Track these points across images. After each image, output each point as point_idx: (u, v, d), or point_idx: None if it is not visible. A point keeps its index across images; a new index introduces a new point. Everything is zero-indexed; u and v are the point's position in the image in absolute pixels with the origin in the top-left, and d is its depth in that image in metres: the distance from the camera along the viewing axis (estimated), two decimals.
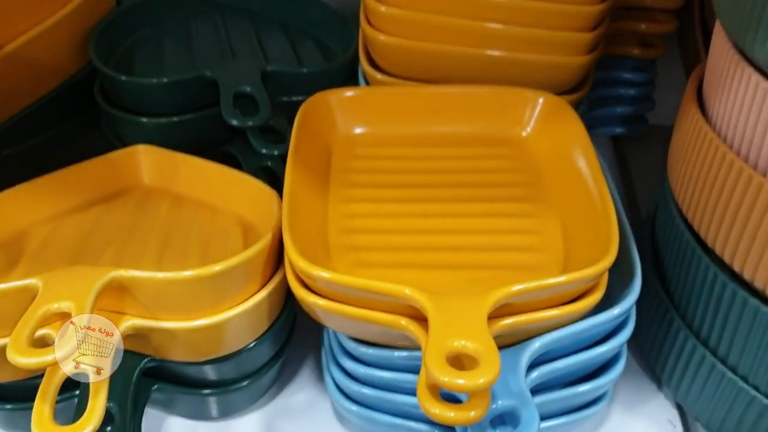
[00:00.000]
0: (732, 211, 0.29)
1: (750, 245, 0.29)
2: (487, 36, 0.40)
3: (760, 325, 0.30)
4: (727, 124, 0.30)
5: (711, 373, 0.33)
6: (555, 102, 0.38)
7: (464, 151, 0.37)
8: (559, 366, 0.31)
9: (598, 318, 0.30)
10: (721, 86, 0.31)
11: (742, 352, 0.32)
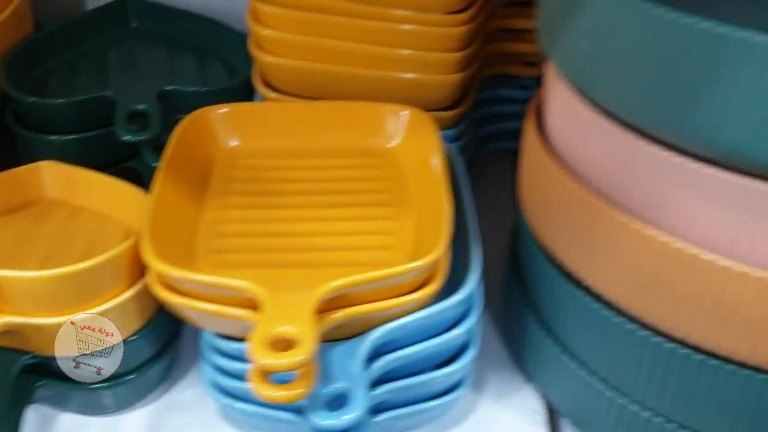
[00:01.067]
0: (566, 221, 0.32)
1: (584, 252, 0.32)
2: (361, 56, 0.43)
3: (594, 321, 0.33)
4: (556, 138, 0.33)
5: (564, 367, 0.36)
6: (418, 116, 0.41)
7: (335, 162, 0.40)
8: (404, 354, 0.33)
9: (434, 308, 0.33)
10: (547, 102, 0.34)
11: (586, 346, 0.34)
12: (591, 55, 0.28)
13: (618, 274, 0.31)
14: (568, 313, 0.35)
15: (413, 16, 0.42)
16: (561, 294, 0.34)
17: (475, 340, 0.36)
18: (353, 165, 0.40)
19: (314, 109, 0.41)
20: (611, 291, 0.31)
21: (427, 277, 0.33)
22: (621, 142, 0.29)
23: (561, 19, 0.30)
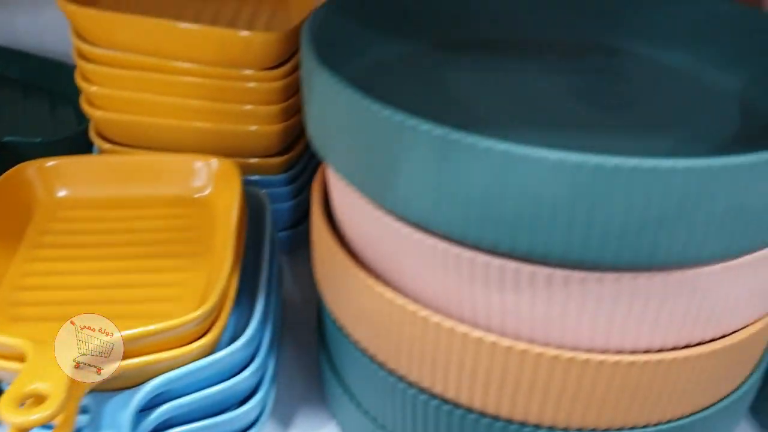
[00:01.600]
0: (334, 281, 0.35)
1: (347, 309, 0.34)
2: (188, 110, 0.45)
3: (367, 374, 0.35)
4: (334, 206, 0.36)
5: (353, 413, 0.38)
6: (225, 165, 0.43)
7: (146, 213, 0.42)
8: (182, 402, 0.35)
9: (208, 358, 0.35)
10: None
11: (366, 396, 0.37)
12: (324, 132, 0.31)
13: (370, 330, 0.33)
14: (347, 363, 0.37)
15: (233, 72, 0.45)
16: (340, 346, 0.37)
17: (264, 384, 0.38)
18: (163, 215, 0.42)
19: (130, 161, 0.44)
20: (368, 343, 0.34)
21: (209, 326, 0.35)
22: (367, 211, 0.31)
23: (304, 99, 0.32)
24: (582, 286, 0.27)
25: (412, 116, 0.26)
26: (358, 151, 0.29)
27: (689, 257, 0.26)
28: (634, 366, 0.29)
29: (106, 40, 0.44)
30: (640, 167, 0.24)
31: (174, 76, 0.44)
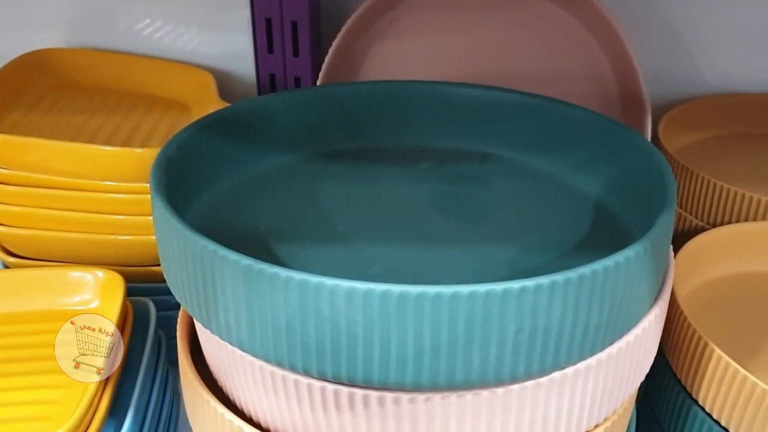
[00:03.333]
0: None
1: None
2: (81, 222, 0.46)
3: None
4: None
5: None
6: (109, 277, 0.44)
7: (30, 328, 0.43)
8: None
9: None
10: None
11: None
12: (164, 261, 0.32)
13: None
14: None
15: (125, 186, 0.46)
16: None
17: None
18: (44, 331, 0.43)
19: (14, 276, 0.44)
20: None
21: None
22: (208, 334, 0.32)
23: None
24: (396, 406, 0.28)
25: (223, 247, 0.27)
26: (188, 279, 0.29)
27: (488, 378, 0.26)
28: None
29: (7, 160, 0.46)
30: (426, 294, 0.25)
31: (67, 191, 0.46)
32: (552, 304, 0.25)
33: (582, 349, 0.27)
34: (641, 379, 0.33)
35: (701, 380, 0.36)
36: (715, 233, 0.44)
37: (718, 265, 0.44)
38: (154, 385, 0.42)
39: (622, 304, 0.28)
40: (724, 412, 0.35)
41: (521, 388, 0.28)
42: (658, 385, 0.40)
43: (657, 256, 0.29)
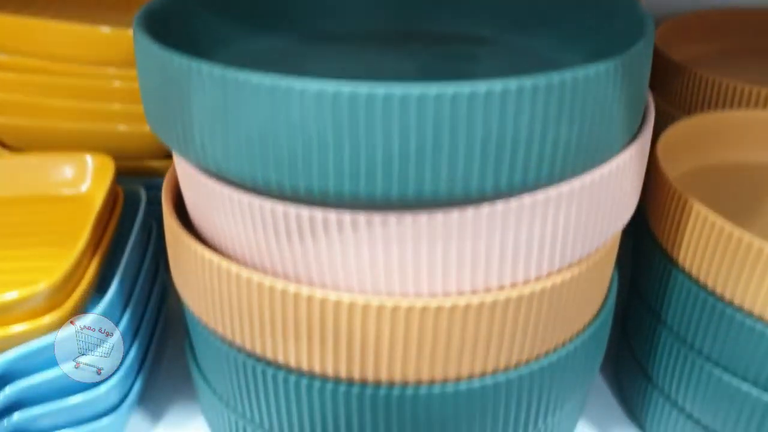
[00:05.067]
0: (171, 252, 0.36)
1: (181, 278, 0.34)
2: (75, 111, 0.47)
3: (211, 350, 0.36)
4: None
5: (206, 393, 0.38)
6: (100, 161, 0.44)
7: (25, 209, 0.44)
8: (27, 384, 0.36)
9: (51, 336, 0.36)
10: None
11: (215, 377, 0.37)
12: (144, 94, 0.32)
13: (201, 298, 0.34)
14: (198, 345, 0.37)
15: (118, 72, 0.46)
16: (192, 328, 0.37)
17: (122, 369, 0.38)
18: (34, 212, 0.43)
19: (3, 163, 0.45)
20: (204, 314, 0.34)
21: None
22: (188, 175, 0.32)
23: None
24: (369, 229, 0.28)
25: (196, 58, 0.27)
26: (162, 102, 0.30)
27: (457, 192, 0.26)
28: (455, 310, 0.29)
29: (2, 45, 0.46)
30: (393, 95, 0.25)
31: (60, 77, 0.46)
32: (520, 111, 0.26)
33: (552, 169, 0.27)
34: (617, 227, 0.33)
35: (683, 240, 0.36)
36: (696, 120, 0.44)
37: (699, 153, 0.44)
38: (142, 267, 0.43)
39: (593, 126, 0.28)
40: (703, 268, 0.35)
41: (491, 210, 0.28)
42: (645, 262, 0.40)
43: (630, 83, 0.29)
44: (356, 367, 0.31)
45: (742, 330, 0.34)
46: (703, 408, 0.37)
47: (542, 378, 0.33)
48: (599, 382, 0.46)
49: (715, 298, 0.34)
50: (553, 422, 0.37)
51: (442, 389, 0.31)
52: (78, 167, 0.45)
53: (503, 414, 0.33)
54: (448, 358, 0.31)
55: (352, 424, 0.32)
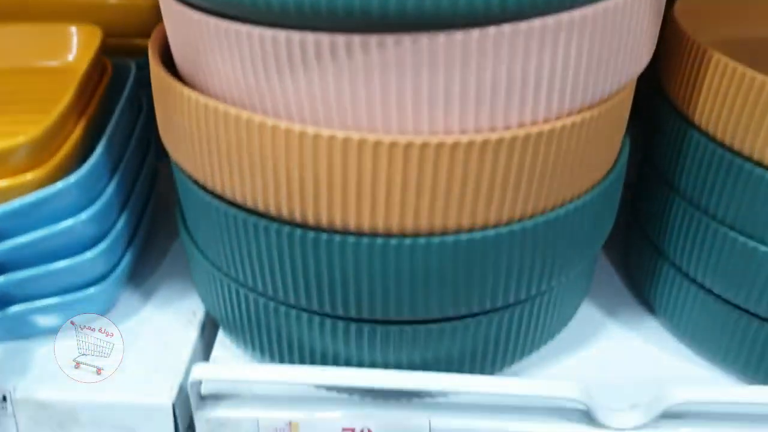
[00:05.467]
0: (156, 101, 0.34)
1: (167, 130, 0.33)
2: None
3: (196, 204, 0.34)
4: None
5: (195, 257, 0.37)
6: (87, 31, 0.42)
7: (11, 79, 0.42)
8: (13, 244, 0.34)
9: (35, 194, 0.34)
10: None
11: (201, 234, 0.35)
12: None
13: (188, 146, 0.32)
14: (185, 203, 0.36)
15: None
16: (180, 185, 0.36)
17: (111, 235, 0.37)
18: (21, 82, 0.42)
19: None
20: (188, 163, 0.33)
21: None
22: (175, 11, 0.30)
23: None
24: (365, 54, 0.26)
25: None
26: None
27: (461, 6, 0.24)
28: (465, 148, 0.27)
29: None
30: None
31: None
32: None
33: None
34: (631, 72, 0.31)
35: (699, 95, 0.34)
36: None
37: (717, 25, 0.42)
38: (132, 138, 0.41)
39: None
40: (721, 122, 0.33)
41: (497, 32, 0.26)
42: (658, 129, 0.38)
43: None
44: (351, 214, 0.29)
45: (761, 186, 0.32)
46: (716, 276, 0.35)
47: (546, 235, 0.31)
48: (607, 267, 0.44)
49: (733, 153, 0.33)
50: (557, 292, 0.35)
51: (441, 240, 0.30)
52: (63, 37, 0.43)
53: (505, 271, 0.31)
54: (448, 203, 0.29)
55: (348, 278, 0.31)
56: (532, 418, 0.35)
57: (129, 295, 0.41)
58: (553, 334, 0.38)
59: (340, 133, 0.27)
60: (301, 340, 0.34)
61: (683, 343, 0.39)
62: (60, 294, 0.37)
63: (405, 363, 0.34)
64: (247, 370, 0.35)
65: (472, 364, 0.35)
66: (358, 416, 0.34)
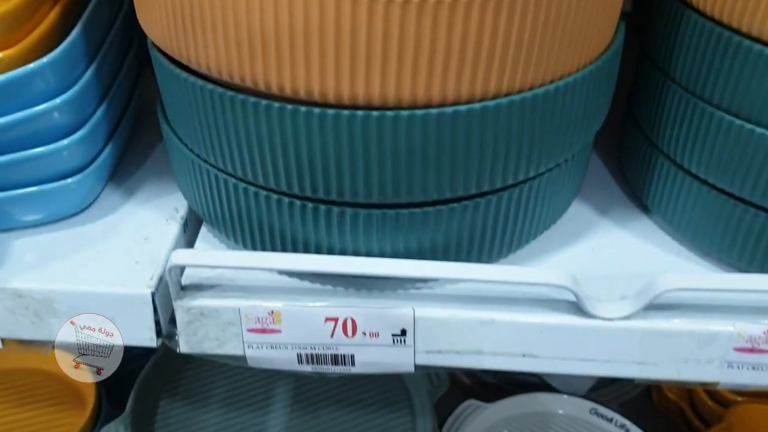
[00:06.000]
0: None
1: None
2: None
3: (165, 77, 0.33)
4: None
5: (171, 141, 0.36)
6: None
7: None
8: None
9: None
10: None
11: (174, 114, 0.34)
12: None
13: (159, 17, 0.30)
14: (162, 86, 0.35)
15: None
16: (157, 69, 0.34)
17: (89, 125, 0.36)
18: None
19: None
20: (159, 36, 0.31)
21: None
22: None
23: None
24: None
25: None
26: None
27: None
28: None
29: None
30: None
31: None
32: None
33: None
34: None
35: None
36: None
37: None
38: (112, 28, 0.40)
39: None
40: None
41: None
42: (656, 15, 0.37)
43: None
44: (329, 80, 0.28)
45: (759, 63, 0.31)
46: (710, 165, 0.34)
47: (534, 112, 0.30)
48: (601, 168, 0.43)
49: (731, 30, 0.31)
50: (546, 182, 0.34)
51: (425, 113, 0.28)
52: None
53: (492, 150, 0.30)
54: (431, 69, 0.27)
55: (328, 155, 0.30)
56: (520, 308, 0.34)
57: (111, 191, 0.40)
58: (542, 228, 0.37)
59: None
60: (283, 229, 0.33)
61: (677, 240, 0.38)
62: (38, 183, 0.36)
63: (389, 252, 0.33)
64: (227, 256, 0.34)
65: (458, 255, 0.34)
66: (342, 306, 0.34)
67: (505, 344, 0.34)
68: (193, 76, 0.31)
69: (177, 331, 0.35)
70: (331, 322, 0.34)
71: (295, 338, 0.34)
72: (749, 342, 0.33)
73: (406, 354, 0.35)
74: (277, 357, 0.35)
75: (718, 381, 0.34)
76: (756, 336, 0.33)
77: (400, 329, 0.34)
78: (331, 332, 0.34)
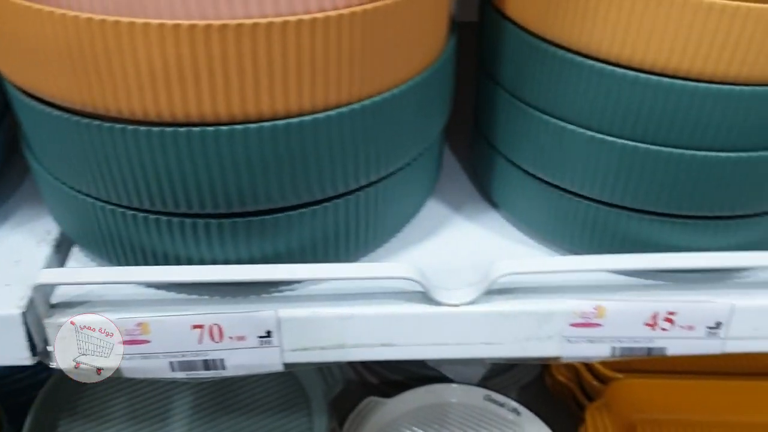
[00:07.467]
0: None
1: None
2: None
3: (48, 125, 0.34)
4: None
5: (47, 181, 0.37)
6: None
7: None
8: None
9: None
10: None
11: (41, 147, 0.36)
12: None
13: (13, 54, 0.32)
14: (24, 122, 0.36)
15: None
16: (17, 102, 0.36)
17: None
18: None
19: None
20: (16, 73, 0.33)
21: None
22: None
23: None
24: None
25: None
26: None
27: None
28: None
29: None
30: None
31: None
32: None
33: None
34: None
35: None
36: None
37: None
38: None
39: None
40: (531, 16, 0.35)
41: None
42: (486, 30, 0.40)
43: None
44: (176, 102, 0.30)
45: (564, 67, 0.34)
46: (537, 161, 0.38)
47: (373, 119, 0.33)
48: (456, 168, 0.46)
49: (542, 40, 0.35)
50: (395, 184, 0.37)
51: (258, 127, 0.31)
52: None
53: (328, 155, 0.33)
54: (272, 84, 0.30)
55: (172, 170, 0.32)
56: (375, 302, 0.36)
57: None
58: (398, 226, 0.40)
59: (153, 21, 0.28)
60: (143, 244, 0.35)
61: (522, 231, 0.41)
62: None
63: (246, 259, 0.35)
64: (91, 273, 0.36)
65: (316, 257, 0.36)
66: (207, 313, 0.36)
67: (365, 336, 0.37)
68: (42, 104, 0.32)
69: (51, 349, 0.36)
70: (197, 330, 0.36)
71: (165, 347, 0.36)
72: (582, 317, 0.37)
73: (273, 354, 0.37)
74: (150, 366, 0.36)
75: (560, 355, 0.38)
76: (587, 311, 0.36)
77: (265, 331, 0.36)
78: (199, 339, 0.36)
